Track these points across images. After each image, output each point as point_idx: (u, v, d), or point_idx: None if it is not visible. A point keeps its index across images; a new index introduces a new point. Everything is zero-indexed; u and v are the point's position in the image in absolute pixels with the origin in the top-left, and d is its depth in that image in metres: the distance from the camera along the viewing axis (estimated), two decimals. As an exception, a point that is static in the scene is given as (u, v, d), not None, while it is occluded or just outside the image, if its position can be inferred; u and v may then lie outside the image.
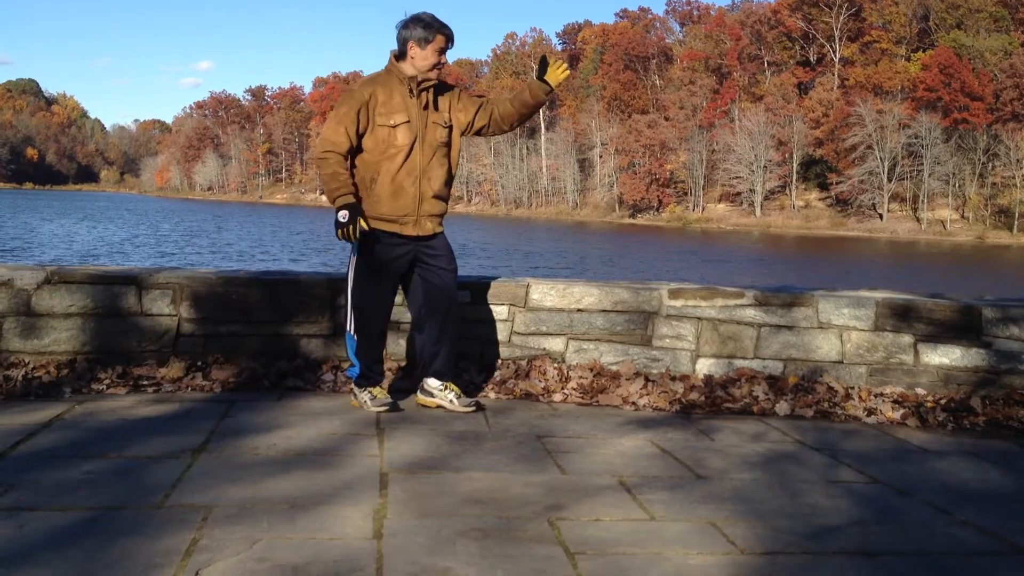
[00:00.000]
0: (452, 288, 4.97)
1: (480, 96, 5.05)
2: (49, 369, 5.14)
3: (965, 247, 64.66)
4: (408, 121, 4.77)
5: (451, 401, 4.90)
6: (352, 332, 4.90)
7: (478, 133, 5.09)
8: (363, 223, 4.62)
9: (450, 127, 4.93)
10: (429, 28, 4.79)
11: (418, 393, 5.03)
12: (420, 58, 4.80)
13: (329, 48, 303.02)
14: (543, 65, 4.99)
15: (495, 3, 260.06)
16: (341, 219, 4.62)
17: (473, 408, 4.88)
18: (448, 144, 4.93)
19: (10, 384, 4.88)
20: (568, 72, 5.04)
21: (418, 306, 4.98)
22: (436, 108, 4.88)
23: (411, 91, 4.82)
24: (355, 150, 4.77)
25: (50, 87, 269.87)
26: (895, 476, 4.09)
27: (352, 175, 4.78)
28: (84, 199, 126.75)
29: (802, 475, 4.03)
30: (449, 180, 4.98)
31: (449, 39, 4.85)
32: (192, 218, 73.33)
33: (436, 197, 4.87)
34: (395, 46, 4.90)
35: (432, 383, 4.96)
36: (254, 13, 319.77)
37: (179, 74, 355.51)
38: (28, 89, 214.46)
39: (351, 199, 4.65)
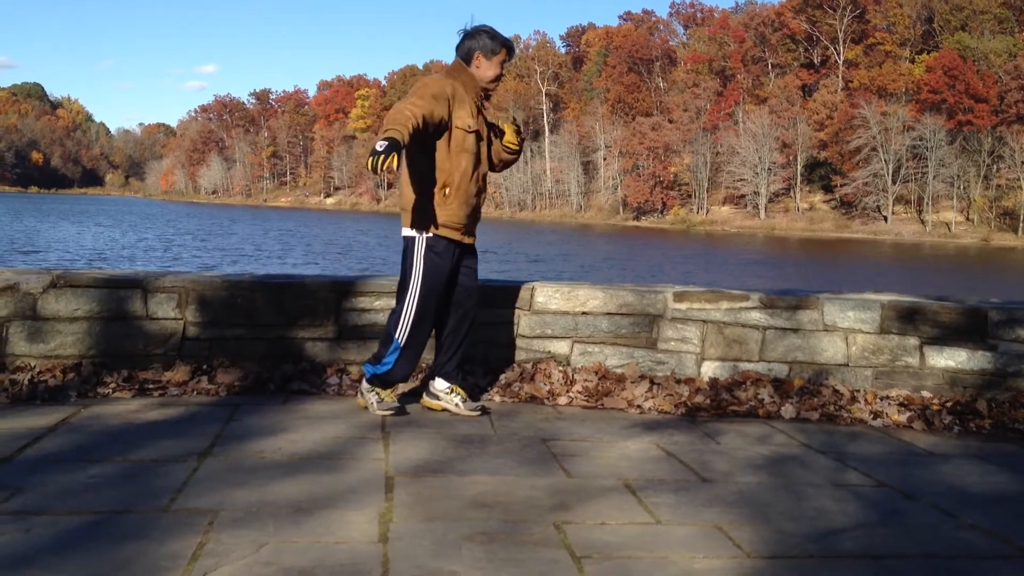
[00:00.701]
0: (476, 289, 5.05)
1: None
2: (55, 373, 5.14)
3: (970, 249, 64.57)
4: (477, 131, 4.83)
5: (457, 405, 4.90)
6: (401, 341, 4.83)
7: None
8: (395, 161, 4.29)
9: (490, 141, 5.02)
10: (495, 40, 4.89)
11: (424, 395, 5.03)
12: (486, 67, 4.88)
13: (333, 51, 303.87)
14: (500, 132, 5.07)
15: (499, 7, 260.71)
16: (379, 148, 4.27)
17: (479, 412, 4.88)
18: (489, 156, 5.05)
19: (16, 388, 4.89)
20: (516, 138, 5.07)
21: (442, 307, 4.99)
22: (488, 125, 4.99)
23: (480, 99, 4.88)
24: (422, 144, 4.65)
25: (55, 91, 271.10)
26: (901, 479, 4.08)
27: (416, 179, 4.76)
28: (89, 203, 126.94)
29: (808, 478, 4.03)
30: None
31: (511, 51, 4.95)
32: (197, 221, 73.41)
33: (481, 207, 5.03)
34: (453, 54, 4.96)
35: (439, 385, 4.97)
36: (258, 16, 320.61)
37: (183, 77, 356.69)
38: (33, 93, 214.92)
39: (399, 137, 4.36)
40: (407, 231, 4.85)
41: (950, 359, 5.62)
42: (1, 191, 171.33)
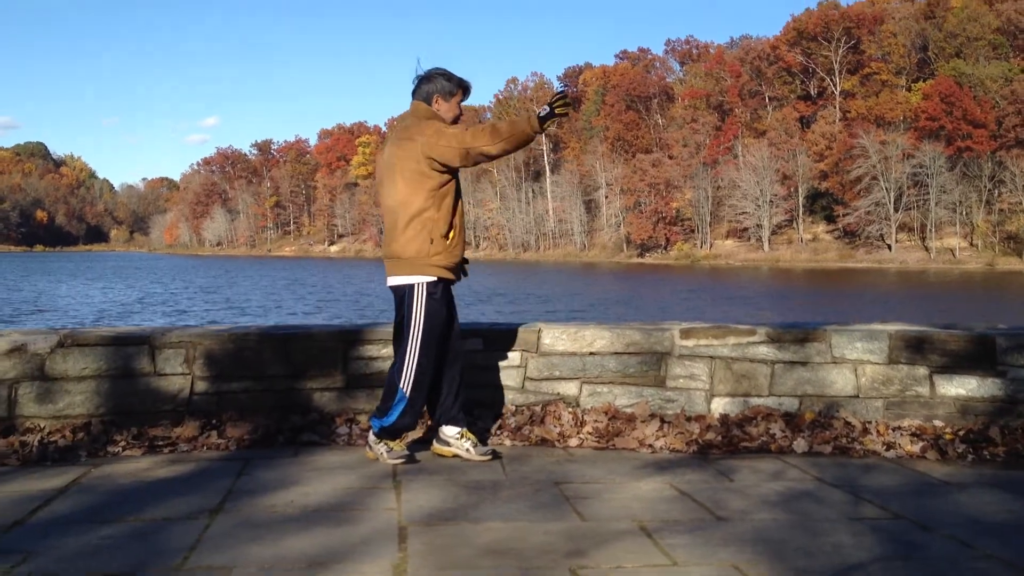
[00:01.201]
0: (460, 329, 5.09)
1: None
2: (64, 433, 5.14)
3: (976, 275, 64.46)
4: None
5: (468, 450, 4.89)
6: (407, 392, 4.83)
7: None
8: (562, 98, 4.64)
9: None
10: (451, 81, 4.94)
11: (434, 442, 5.02)
12: (445, 110, 4.93)
13: (332, 99, 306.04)
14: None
15: (496, 49, 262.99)
16: (543, 113, 4.67)
17: (490, 456, 4.87)
18: None
19: (26, 450, 4.89)
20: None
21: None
22: None
23: None
24: (432, 194, 4.77)
25: (58, 149, 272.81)
26: (917, 510, 4.05)
27: (424, 226, 4.77)
28: (94, 259, 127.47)
29: (823, 513, 4.00)
30: None
31: (467, 91, 5.02)
32: (202, 274, 73.60)
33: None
34: (412, 98, 4.99)
35: (449, 431, 4.96)
36: (258, 67, 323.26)
37: (186, 131, 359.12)
38: (36, 152, 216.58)
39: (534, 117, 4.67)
40: (404, 279, 4.83)
41: (960, 387, 5.60)
42: (7, 251, 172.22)
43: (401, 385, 4.83)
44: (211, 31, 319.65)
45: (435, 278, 4.80)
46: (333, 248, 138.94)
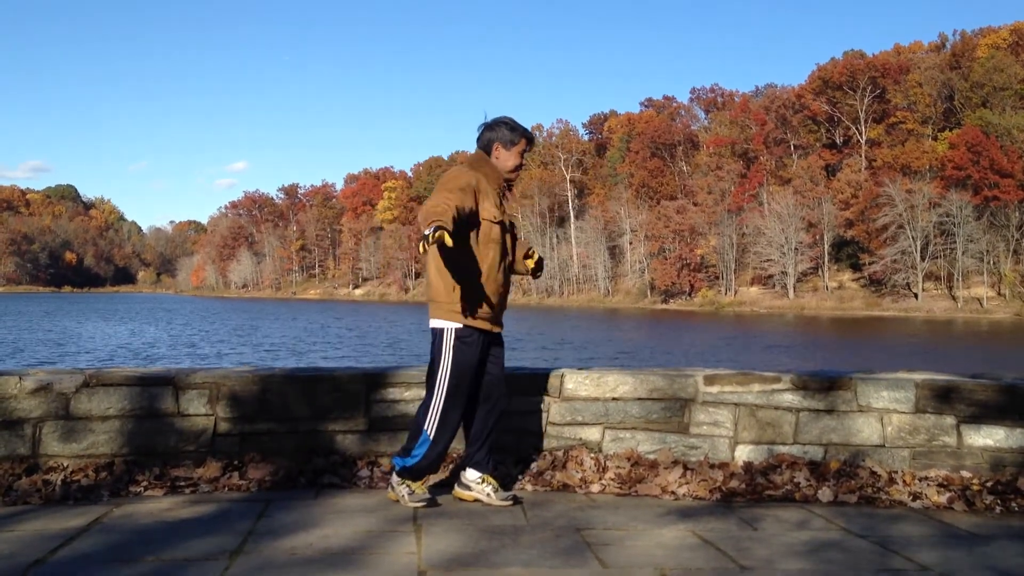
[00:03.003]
0: (503, 378, 5.05)
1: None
2: (87, 472, 5.15)
3: (1003, 324, 63.85)
4: (502, 221, 4.87)
5: (488, 495, 4.86)
6: (431, 434, 4.83)
7: None
8: (447, 238, 4.30)
9: (515, 236, 5.07)
10: (514, 131, 4.94)
11: (455, 487, 5.00)
12: (505, 159, 4.94)
13: (359, 144, 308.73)
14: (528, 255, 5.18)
15: (522, 95, 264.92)
16: (427, 232, 4.28)
17: (511, 502, 4.84)
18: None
19: (49, 488, 4.90)
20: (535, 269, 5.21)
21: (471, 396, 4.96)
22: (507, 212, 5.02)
23: (503, 190, 4.94)
24: (455, 239, 4.48)
25: (88, 191, 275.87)
26: (944, 562, 3.99)
27: (448, 270, 4.77)
28: (121, 301, 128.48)
29: (849, 563, 3.94)
30: None
31: (530, 141, 5.02)
32: (228, 316, 73.98)
33: (507, 296, 5.03)
34: (475, 146, 5.04)
35: (470, 475, 4.94)
36: (287, 113, 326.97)
37: (215, 175, 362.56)
38: (67, 195, 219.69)
39: (444, 222, 4.33)
40: (437, 322, 4.86)
41: (988, 438, 5.53)
42: (36, 291, 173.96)
43: (426, 427, 4.83)
44: (242, 77, 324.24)
45: (463, 325, 4.80)
46: (358, 292, 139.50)
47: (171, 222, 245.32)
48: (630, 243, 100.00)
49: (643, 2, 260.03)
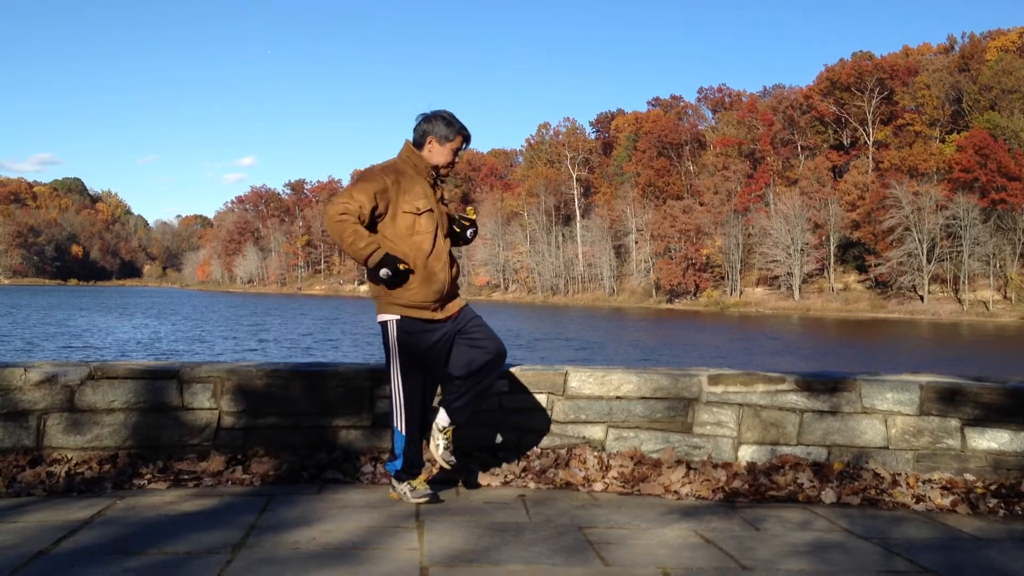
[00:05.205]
0: (491, 335, 4.92)
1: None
2: (91, 465, 5.17)
3: (1009, 328, 63.70)
4: (431, 209, 4.86)
5: (437, 447, 4.88)
6: (402, 430, 4.87)
7: None
8: (402, 265, 4.64)
9: (450, 218, 5.07)
10: (450, 127, 4.92)
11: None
12: (437, 154, 4.93)
13: (366, 140, 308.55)
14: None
15: (529, 93, 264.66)
16: (384, 276, 4.66)
17: (451, 465, 4.89)
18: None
19: (53, 480, 4.92)
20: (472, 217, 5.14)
21: (462, 365, 4.89)
22: (443, 200, 5.04)
23: (433, 181, 4.94)
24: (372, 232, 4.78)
25: (96, 185, 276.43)
26: (947, 565, 3.99)
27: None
28: (127, 294, 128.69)
29: (852, 565, 3.94)
30: None
31: (467, 140, 5.00)
32: (234, 311, 74.05)
33: (455, 281, 4.98)
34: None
35: (442, 419, 4.90)
36: (295, 108, 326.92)
37: (223, 170, 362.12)
38: (74, 188, 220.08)
39: (382, 250, 4.66)
40: (380, 316, 4.88)
41: (992, 441, 5.52)
42: (42, 284, 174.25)
43: (395, 425, 4.89)
44: (252, 73, 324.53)
45: (403, 316, 4.79)
46: (363, 288, 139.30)
47: (177, 216, 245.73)
48: (636, 242, 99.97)
49: (651, 1, 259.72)
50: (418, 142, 4.95)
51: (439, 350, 4.88)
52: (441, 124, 4.91)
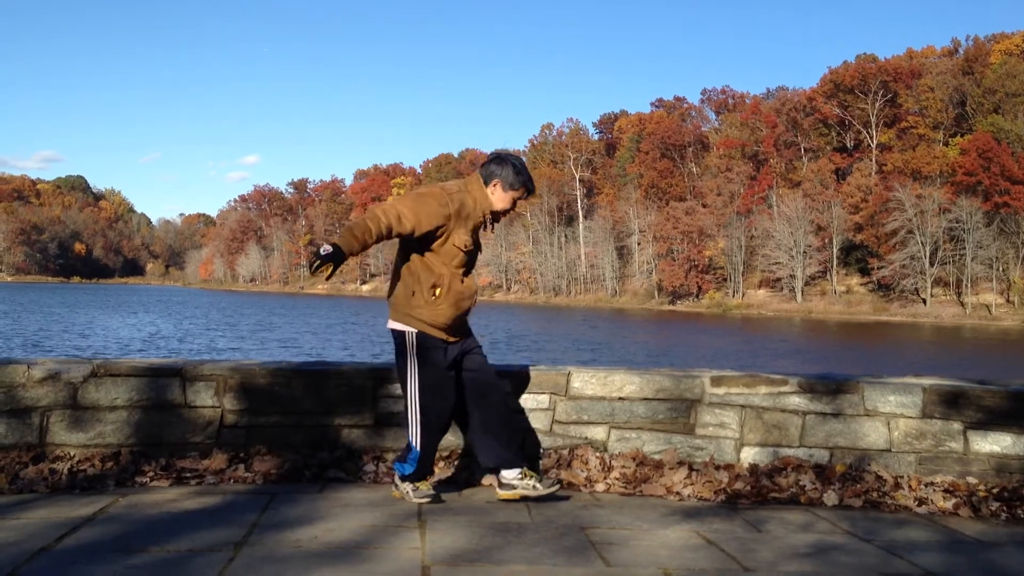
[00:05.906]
0: (490, 370, 5.01)
1: None
2: (94, 462, 5.17)
3: (1012, 331, 63.63)
4: (475, 249, 4.89)
5: (534, 487, 4.84)
6: (417, 446, 4.85)
7: None
8: (327, 271, 4.48)
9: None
10: (518, 176, 4.91)
11: (498, 490, 4.94)
12: (499, 198, 4.92)
13: (370, 140, 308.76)
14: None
15: (532, 93, 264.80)
16: (323, 252, 4.48)
17: (556, 487, 4.87)
18: None
19: (55, 477, 4.92)
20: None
21: (464, 396, 4.95)
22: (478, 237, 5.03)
23: (485, 224, 4.94)
24: (413, 245, 4.77)
25: (98, 183, 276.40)
26: (949, 567, 3.98)
27: (408, 276, 4.81)
28: (129, 292, 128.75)
29: (853, 567, 3.94)
30: None
31: (530, 192, 4.99)
32: (237, 309, 74.07)
33: (469, 314, 4.99)
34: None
35: (509, 475, 4.90)
36: (299, 107, 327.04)
37: (227, 169, 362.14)
38: (77, 185, 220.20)
39: (347, 248, 4.51)
40: (397, 324, 4.86)
41: (995, 444, 5.51)
42: (45, 281, 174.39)
43: (411, 439, 4.88)
44: (256, 71, 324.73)
45: (418, 330, 4.79)
46: (365, 287, 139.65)
47: (180, 215, 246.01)
48: (638, 243, 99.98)
49: (655, 2, 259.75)
50: (484, 180, 4.93)
51: (452, 365, 4.89)
52: (511, 171, 4.89)
